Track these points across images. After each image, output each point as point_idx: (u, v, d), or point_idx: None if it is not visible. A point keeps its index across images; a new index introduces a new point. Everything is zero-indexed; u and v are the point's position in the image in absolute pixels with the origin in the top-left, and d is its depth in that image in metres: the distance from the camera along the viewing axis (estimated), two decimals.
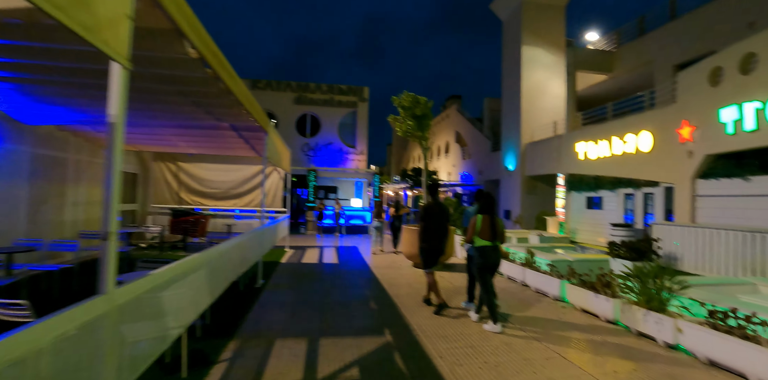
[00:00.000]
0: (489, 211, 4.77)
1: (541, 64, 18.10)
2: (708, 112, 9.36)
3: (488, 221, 4.68)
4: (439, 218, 5.43)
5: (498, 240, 4.70)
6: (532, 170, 17.30)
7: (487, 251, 4.65)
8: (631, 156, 11.87)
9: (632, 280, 4.57)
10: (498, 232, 4.69)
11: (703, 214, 9.83)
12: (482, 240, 4.66)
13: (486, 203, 4.81)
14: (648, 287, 4.37)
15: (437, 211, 5.44)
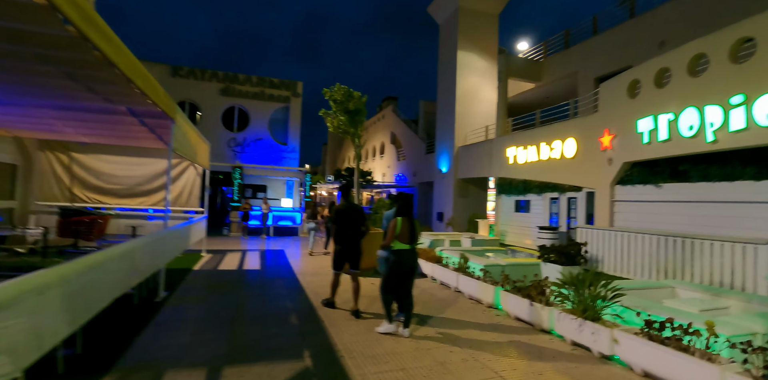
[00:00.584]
0: (407, 213, 4.66)
1: (475, 70, 18.46)
2: (626, 122, 9.88)
3: (407, 224, 4.57)
4: (351, 220, 5.35)
5: (415, 243, 4.66)
6: (464, 173, 17.54)
7: (405, 255, 4.54)
8: (556, 162, 12.32)
9: (567, 288, 4.40)
10: (415, 235, 4.65)
11: (620, 218, 10.38)
12: (401, 243, 4.53)
13: (404, 206, 4.70)
14: (583, 295, 4.21)
15: (349, 212, 5.35)
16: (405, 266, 4.54)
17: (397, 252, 4.53)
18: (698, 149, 8.06)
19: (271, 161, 20.26)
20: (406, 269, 4.56)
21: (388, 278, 4.57)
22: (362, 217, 5.47)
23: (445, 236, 12.89)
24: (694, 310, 4.52)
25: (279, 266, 8.70)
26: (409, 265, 4.57)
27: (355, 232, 5.40)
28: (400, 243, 4.51)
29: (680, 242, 7.72)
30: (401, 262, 4.52)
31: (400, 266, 4.53)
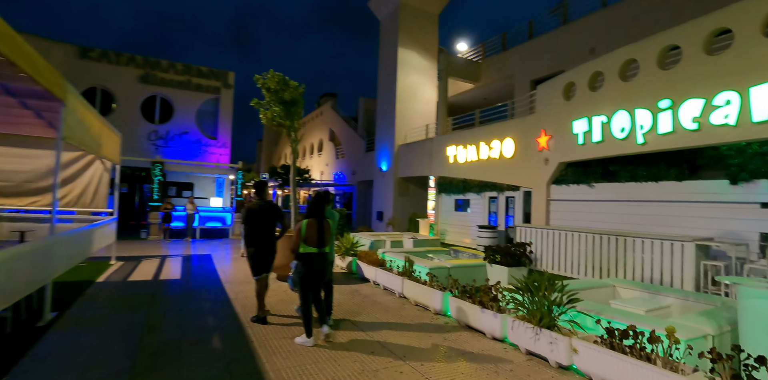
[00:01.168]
0: (317, 214, 4.35)
1: (415, 68, 18.33)
2: (562, 123, 10.13)
3: (315, 226, 4.27)
4: (263, 219, 4.95)
5: (326, 246, 4.34)
6: (405, 171, 17.34)
7: (311, 259, 4.22)
8: (495, 161, 12.45)
9: (521, 293, 4.13)
10: (326, 237, 4.32)
11: (556, 217, 10.66)
12: (308, 246, 4.22)
13: (314, 206, 4.40)
14: (539, 301, 3.95)
15: (262, 212, 4.94)
16: (314, 271, 4.21)
17: (303, 257, 4.21)
18: (629, 151, 8.39)
19: (199, 156, 18.66)
20: (316, 274, 4.24)
21: (302, 288, 4.22)
22: (278, 216, 5.09)
23: (386, 236, 12.51)
24: (641, 311, 4.48)
25: (204, 274, 7.74)
26: (319, 270, 4.25)
27: (269, 233, 5.02)
28: (307, 246, 4.21)
29: (614, 239, 7.96)
30: (309, 267, 4.20)
31: (309, 271, 4.20)
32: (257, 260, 4.96)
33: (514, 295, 4.24)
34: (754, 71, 6.45)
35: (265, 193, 5.21)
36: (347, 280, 7.48)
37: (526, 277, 4.27)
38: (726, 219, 7.53)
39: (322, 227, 4.30)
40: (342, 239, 8.36)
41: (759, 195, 7.17)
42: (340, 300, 5.98)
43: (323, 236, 4.29)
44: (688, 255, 6.82)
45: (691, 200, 8.05)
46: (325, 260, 4.34)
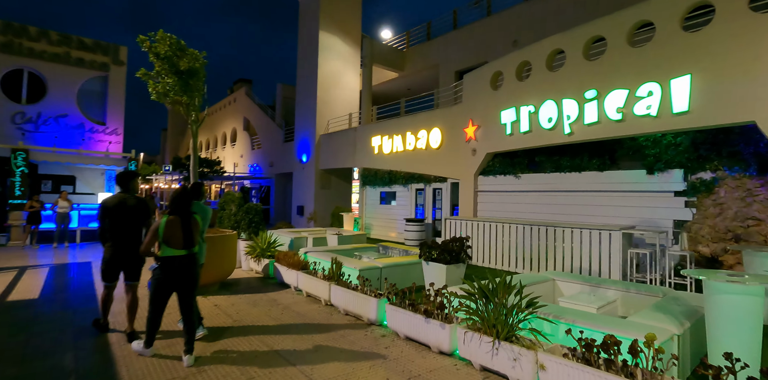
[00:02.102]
0: (181, 210, 3.74)
1: (337, 54, 17.32)
2: (490, 113, 9.93)
3: (179, 224, 3.66)
4: (124, 216, 4.18)
5: (194, 247, 3.75)
6: (326, 163, 16.33)
7: (176, 263, 3.61)
8: (422, 152, 12.02)
9: (475, 299, 3.50)
10: (194, 237, 3.74)
11: (484, 208, 10.49)
12: (170, 248, 3.60)
13: (178, 200, 3.77)
14: (496, 308, 3.35)
15: (121, 208, 4.17)
16: (176, 276, 3.61)
17: (165, 260, 3.61)
18: (556, 141, 8.35)
19: (83, 144, 15.82)
20: (179, 281, 3.63)
21: (154, 292, 3.66)
22: (143, 213, 4.30)
23: (308, 232, 11.47)
24: (592, 309, 4.14)
25: (77, 290, 6.12)
26: (184, 275, 3.64)
27: (131, 233, 4.24)
28: (169, 248, 3.60)
29: (544, 230, 7.85)
30: (172, 272, 3.60)
31: (171, 277, 3.60)
32: (112, 264, 4.17)
33: (466, 301, 3.60)
34: (675, 64, 6.57)
35: (130, 186, 4.38)
36: (264, 287, 6.40)
37: (475, 278, 3.64)
38: (644, 208, 7.78)
39: (189, 225, 3.70)
40: (257, 238, 7.21)
41: (672, 184, 7.46)
42: (254, 314, 4.94)
43: (190, 235, 3.69)
44: (615, 244, 6.85)
45: (612, 189, 8.23)
46: (194, 263, 3.74)
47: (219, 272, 5.83)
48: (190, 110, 5.94)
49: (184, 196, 3.79)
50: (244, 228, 7.57)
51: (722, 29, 6.14)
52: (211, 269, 5.65)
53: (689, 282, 6.23)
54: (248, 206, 7.61)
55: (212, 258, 5.59)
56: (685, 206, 7.33)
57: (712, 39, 6.21)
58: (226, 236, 5.86)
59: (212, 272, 5.71)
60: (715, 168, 7.05)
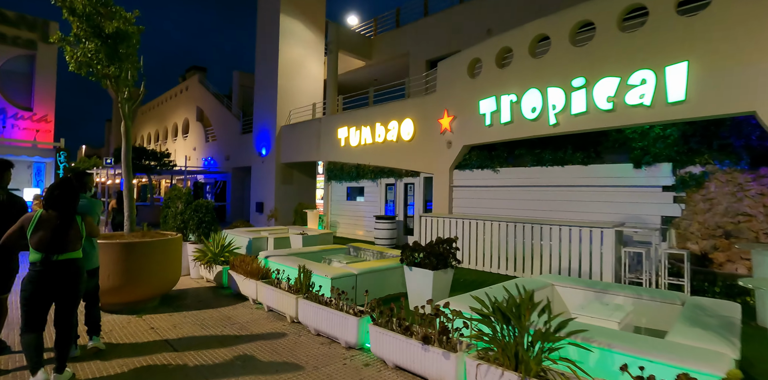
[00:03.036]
0: (60, 205, 3.08)
1: (300, 40, 16.15)
2: (467, 103, 9.27)
3: (53, 221, 3.02)
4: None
5: (69, 253, 3.06)
6: (288, 156, 15.19)
7: (38, 270, 2.96)
8: (393, 144, 11.23)
9: (491, 321, 2.74)
10: (69, 239, 3.06)
11: (459, 204, 9.86)
12: (35, 251, 2.98)
13: (57, 192, 3.10)
14: (518, 331, 2.61)
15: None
16: (42, 285, 2.95)
17: (30, 266, 2.98)
18: (540, 132, 7.79)
19: (3, 132, 13.77)
20: (45, 290, 2.96)
21: (23, 307, 2.96)
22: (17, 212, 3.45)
23: (269, 232, 10.42)
24: (613, 323, 3.51)
25: None
26: (51, 283, 2.98)
27: None
28: (35, 251, 2.97)
29: (529, 228, 7.30)
30: (35, 280, 2.94)
31: (34, 285, 2.93)
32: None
33: (477, 324, 2.83)
34: (671, 50, 6.13)
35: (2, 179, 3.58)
36: (216, 299, 5.37)
37: (495, 300, 2.89)
38: (630, 203, 7.39)
39: (65, 225, 3.05)
40: (208, 241, 6.15)
41: (660, 179, 7.10)
42: (203, 340, 3.95)
43: (63, 237, 3.02)
44: (607, 242, 6.38)
45: (597, 184, 7.80)
46: (63, 271, 3.02)
47: (159, 284, 4.77)
48: (120, 85, 4.79)
49: (67, 189, 3.10)
50: (193, 229, 6.46)
51: (722, 13, 5.73)
52: (149, 280, 4.59)
53: (687, 283, 5.83)
54: (198, 203, 6.51)
55: (150, 267, 4.53)
56: (674, 201, 6.98)
57: (712, 23, 5.80)
58: (168, 240, 4.79)
59: (150, 285, 4.65)
60: (705, 162, 6.73)
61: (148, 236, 4.94)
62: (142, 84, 5.17)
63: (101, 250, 4.33)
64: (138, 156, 16.39)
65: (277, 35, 15.53)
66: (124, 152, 4.96)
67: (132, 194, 5.02)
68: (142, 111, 34.65)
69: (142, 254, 4.50)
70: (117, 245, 4.39)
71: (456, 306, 3.31)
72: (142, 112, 34.63)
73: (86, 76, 4.78)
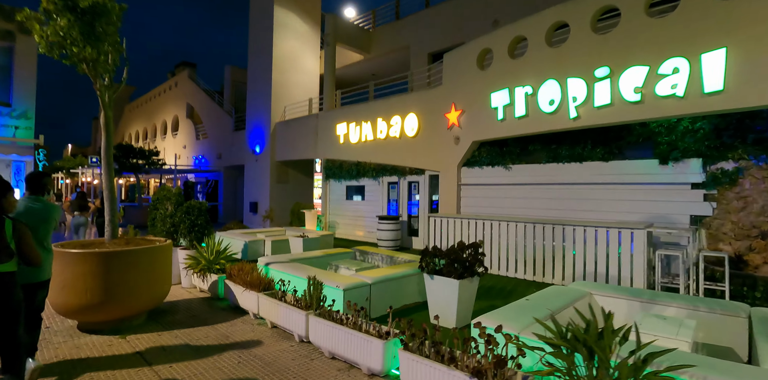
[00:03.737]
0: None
1: (295, 33, 15.50)
2: (477, 96, 8.74)
3: None
4: None
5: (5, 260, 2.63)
6: (284, 154, 14.55)
7: None
8: (396, 141, 10.67)
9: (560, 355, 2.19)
10: None
11: (468, 203, 9.33)
12: None
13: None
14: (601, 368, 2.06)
15: None
16: None
17: None
18: (559, 126, 7.28)
19: None
20: None
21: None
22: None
23: (265, 234, 9.80)
24: (684, 345, 2.99)
25: None
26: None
27: None
28: None
29: (549, 228, 6.78)
30: None
31: None
32: None
33: (546, 357, 2.28)
34: (707, 35, 5.63)
35: None
36: (211, 314, 4.76)
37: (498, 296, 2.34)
38: (655, 202, 6.90)
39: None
40: (201, 247, 5.53)
41: (689, 175, 6.62)
42: (197, 367, 3.35)
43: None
44: (639, 244, 5.89)
45: (618, 181, 7.31)
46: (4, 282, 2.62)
47: (146, 299, 4.15)
48: (98, 70, 4.15)
49: None
50: (184, 233, 5.83)
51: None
52: (134, 295, 3.98)
53: (727, 288, 5.36)
54: (189, 204, 5.87)
55: (136, 280, 3.92)
56: (704, 199, 6.51)
57: (754, 6, 5.31)
58: (156, 248, 4.17)
59: (135, 300, 4.03)
60: (738, 157, 6.26)
61: (133, 243, 4.32)
62: (125, 70, 4.53)
63: (78, 260, 3.71)
64: (125, 154, 15.61)
65: (271, 28, 14.87)
66: (104, 146, 4.32)
67: (114, 195, 4.39)
68: (129, 108, 33.63)
69: (126, 265, 3.89)
70: (96, 255, 3.77)
71: (494, 323, 2.74)
72: (129, 109, 33.61)
73: (60, 59, 4.14)
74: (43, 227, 3.15)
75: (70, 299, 3.74)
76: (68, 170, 23.86)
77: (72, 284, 3.73)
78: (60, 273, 3.75)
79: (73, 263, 3.74)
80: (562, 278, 6.63)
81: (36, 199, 3.25)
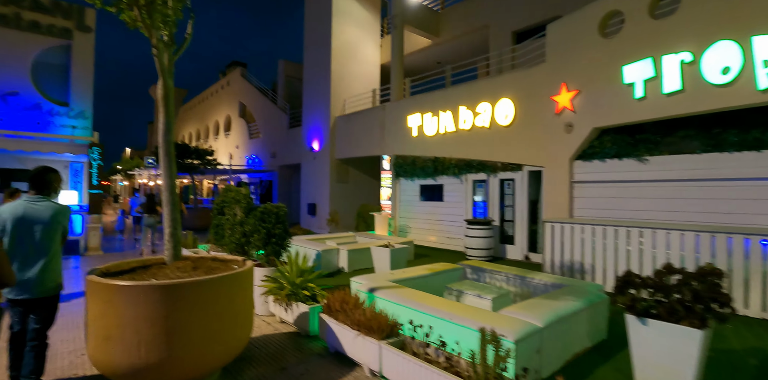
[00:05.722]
0: None
1: (355, 20, 14.25)
2: (601, 71, 6.98)
3: None
4: None
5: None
6: (344, 151, 13.30)
7: None
8: (483, 132, 9.06)
9: None
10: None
11: (583, 205, 7.56)
12: None
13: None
14: None
15: None
16: None
17: None
18: (737, 102, 5.40)
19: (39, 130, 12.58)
20: None
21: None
22: None
23: (336, 240, 8.52)
24: None
25: None
26: None
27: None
28: None
29: (739, 240, 4.93)
30: None
31: None
32: None
33: None
34: None
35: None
36: (306, 361, 3.39)
37: None
38: None
39: None
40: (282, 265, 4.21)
41: None
42: None
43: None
44: None
45: None
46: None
47: (223, 349, 2.81)
48: (154, 20, 2.89)
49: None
50: (258, 245, 4.55)
51: None
52: (208, 345, 2.65)
53: None
54: (265, 208, 4.58)
55: (210, 323, 2.60)
56: None
57: None
58: (236, 275, 2.83)
59: (210, 353, 2.70)
60: None
61: (203, 267, 3.02)
62: (190, 24, 3.25)
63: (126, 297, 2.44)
64: (181, 154, 14.96)
65: (329, 15, 13.69)
66: (163, 131, 3.05)
67: (175, 198, 3.12)
68: (182, 111, 34.01)
69: (196, 303, 2.57)
70: (154, 290, 2.47)
71: None
72: (182, 111, 33.99)
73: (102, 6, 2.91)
74: (43, 233, 2.68)
75: (116, 356, 2.47)
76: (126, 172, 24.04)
77: (118, 333, 2.45)
78: (101, 316, 2.49)
79: (120, 301, 2.46)
80: (763, 308, 4.77)
81: (38, 199, 2.76)
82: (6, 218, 2.63)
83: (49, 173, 2.87)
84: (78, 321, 4.40)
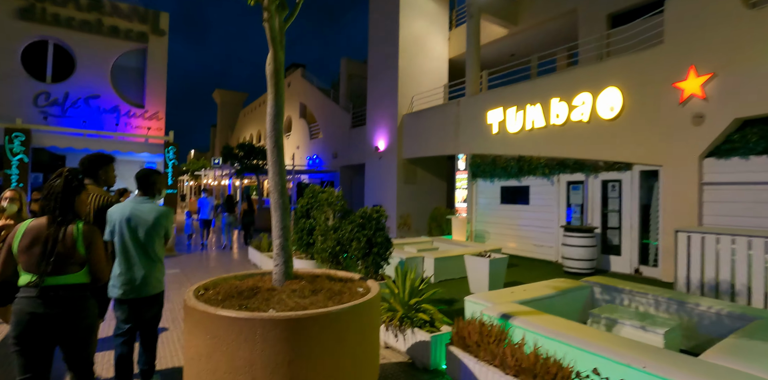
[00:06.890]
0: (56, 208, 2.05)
1: (422, 12, 13.57)
2: (743, 50, 5.75)
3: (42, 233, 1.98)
4: None
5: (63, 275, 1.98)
6: (412, 150, 12.61)
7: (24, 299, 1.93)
8: (581, 127, 7.99)
9: None
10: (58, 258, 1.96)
11: (717, 211, 6.32)
12: (25, 273, 1.97)
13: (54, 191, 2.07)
14: None
15: None
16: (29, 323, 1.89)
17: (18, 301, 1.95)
18: None
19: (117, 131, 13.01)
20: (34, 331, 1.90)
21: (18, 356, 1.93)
22: None
23: (416, 246, 7.83)
24: None
25: None
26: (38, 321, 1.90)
27: None
28: (24, 273, 1.96)
29: None
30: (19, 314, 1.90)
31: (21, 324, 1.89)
32: None
33: None
34: None
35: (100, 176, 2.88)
36: None
37: None
38: None
39: (57, 237, 1.96)
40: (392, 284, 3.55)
41: None
42: None
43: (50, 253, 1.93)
44: None
45: None
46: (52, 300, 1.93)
47: None
48: None
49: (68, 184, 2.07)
50: (357, 257, 3.92)
51: None
52: None
53: None
54: (364, 213, 3.96)
55: (334, 370, 1.92)
56: None
57: None
58: (366, 303, 2.17)
59: None
60: None
61: (322, 288, 2.39)
62: None
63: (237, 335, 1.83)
64: (247, 155, 15.00)
65: (396, 8, 13.08)
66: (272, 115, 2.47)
67: (286, 200, 2.52)
68: (243, 114, 35.03)
69: (325, 342, 1.93)
70: (273, 324, 1.85)
71: None
72: (243, 114, 35.00)
73: None
74: (147, 235, 2.66)
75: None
76: (192, 173, 24.93)
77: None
78: (205, 357, 1.91)
79: (232, 339, 1.86)
80: None
81: (144, 200, 2.78)
82: (115, 219, 2.67)
83: (153, 174, 2.91)
84: None
